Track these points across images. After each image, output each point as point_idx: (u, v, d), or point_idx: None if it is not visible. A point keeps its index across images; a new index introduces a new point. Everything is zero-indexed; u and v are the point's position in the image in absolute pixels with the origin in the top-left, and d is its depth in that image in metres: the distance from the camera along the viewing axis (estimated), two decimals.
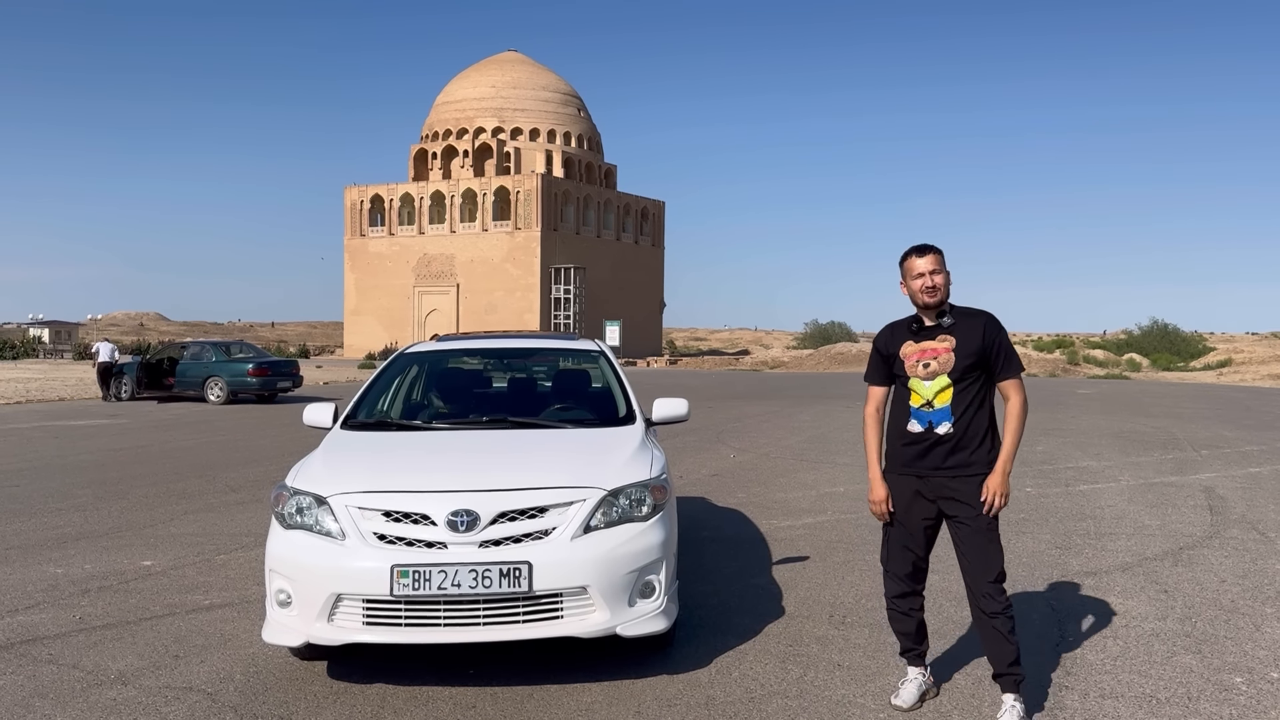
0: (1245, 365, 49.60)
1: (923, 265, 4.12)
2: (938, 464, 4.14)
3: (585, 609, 4.37)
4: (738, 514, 8.90)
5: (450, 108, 79.76)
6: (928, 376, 4.14)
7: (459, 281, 73.93)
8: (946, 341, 4.13)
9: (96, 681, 4.64)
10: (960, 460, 4.12)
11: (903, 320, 4.31)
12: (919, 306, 4.19)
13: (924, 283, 4.12)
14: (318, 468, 4.85)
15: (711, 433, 16.33)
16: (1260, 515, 8.86)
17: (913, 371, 4.18)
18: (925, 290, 4.12)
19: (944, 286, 4.14)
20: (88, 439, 15.79)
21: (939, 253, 4.16)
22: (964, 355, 4.10)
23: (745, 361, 63.49)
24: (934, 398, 4.12)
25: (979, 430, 4.12)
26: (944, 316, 4.17)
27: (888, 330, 4.36)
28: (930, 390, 4.13)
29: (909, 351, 4.21)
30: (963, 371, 4.10)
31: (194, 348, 25.81)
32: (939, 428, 4.12)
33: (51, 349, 73.37)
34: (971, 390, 4.11)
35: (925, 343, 4.17)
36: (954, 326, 4.14)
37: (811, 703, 4.35)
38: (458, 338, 7.38)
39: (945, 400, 4.12)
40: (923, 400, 4.15)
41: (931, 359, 4.14)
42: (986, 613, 4.10)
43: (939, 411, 4.12)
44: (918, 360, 4.17)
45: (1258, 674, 4.71)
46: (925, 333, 4.19)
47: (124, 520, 8.67)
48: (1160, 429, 17.18)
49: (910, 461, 4.21)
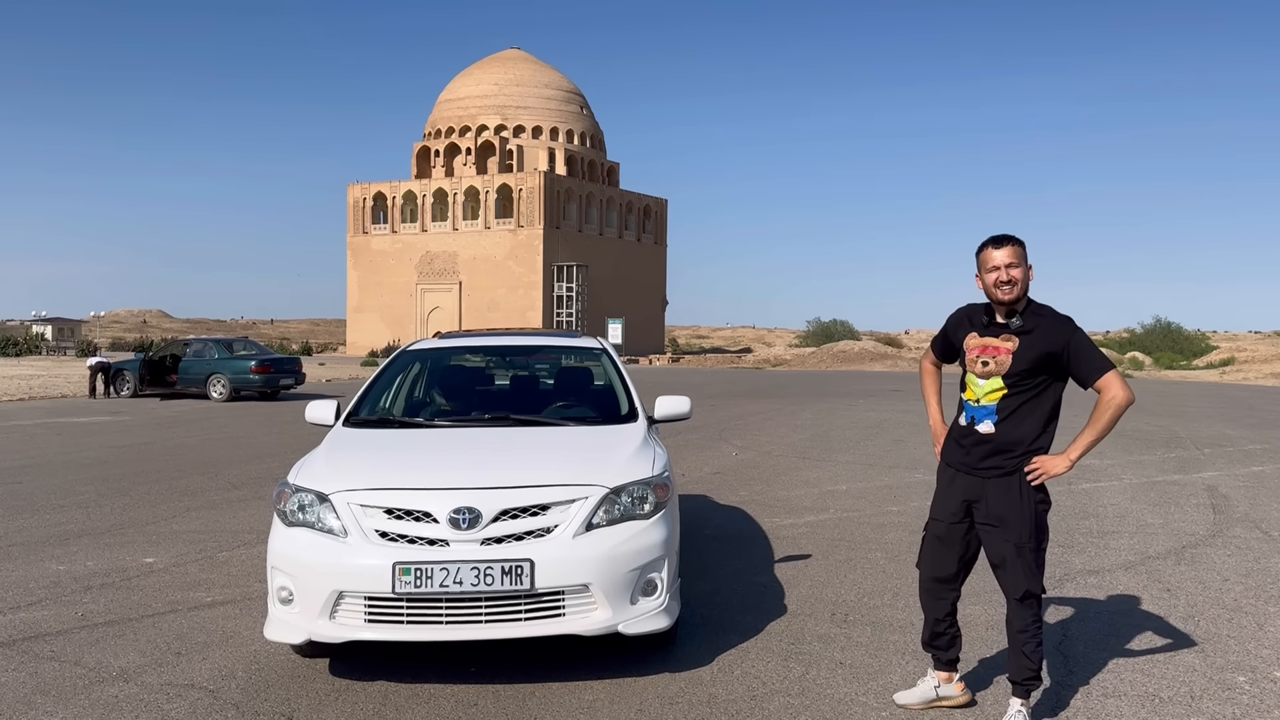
0: (1248, 364, 49.54)
1: (999, 258, 3.90)
2: (974, 463, 4.01)
3: (587, 607, 4.37)
4: (740, 512, 8.89)
5: (453, 105, 79.78)
6: (984, 375, 3.98)
7: (461, 279, 73.97)
8: (1010, 342, 3.92)
9: (98, 678, 4.64)
10: (996, 464, 3.95)
11: (979, 306, 4.11)
12: (993, 301, 3.98)
13: (999, 276, 3.90)
14: (320, 465, 4.85)
15: (713, 430, 16.32)
16: (1263, 514, 8.84)
17: (970, 367, 4.04)
18: (1000, 285, 3.90)
19: (1022, 281, 3.90)
20: (90, 436, 15.81)
21: (1019, 244, 3.92)
22: (1023, 359, 3.89)
23: (747, 359, 63.51)
24: (983, 396, 3.98)
25: (1025, 437, 3.93)
26: (1015, 317, 3.95)
27: (960, 314, 4.19)
28: (983, 389, 3.99)
29: (972, 345, 4.05)
30: (1019, 376, 3.89)
31: (197, 345, 25.84)
32: (980, 425, 3.99)
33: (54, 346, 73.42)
34: (1025, 395, 3.91)
35: (989, 339, 4.00)
36: (1023, 329, 3.92)
37: (814, 701, 4.34)
38: (460, 335, 7.38)
39: (993, 400, 3.95)
40: (974, 396, 4.02)
41: (991, 357, 3.96)
42: (1011, 626, 4.03)
43: (983, 409, 3.97)
44: (977, 356, 4.01)
45: (1261, 673, 4.70)
46: (992, 329, 4.00)
47: (126, 517, 8.67)
48: (1163, 427, 17.16)
49: (952, 453, 4.13)
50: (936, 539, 4.17)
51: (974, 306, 4.15)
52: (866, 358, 55.31)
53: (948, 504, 4.12)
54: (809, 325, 78.66)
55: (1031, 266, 3.96)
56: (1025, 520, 3.93)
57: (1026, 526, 3.93)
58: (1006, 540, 3.95)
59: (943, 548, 4.15)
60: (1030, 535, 3.94)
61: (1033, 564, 3.96)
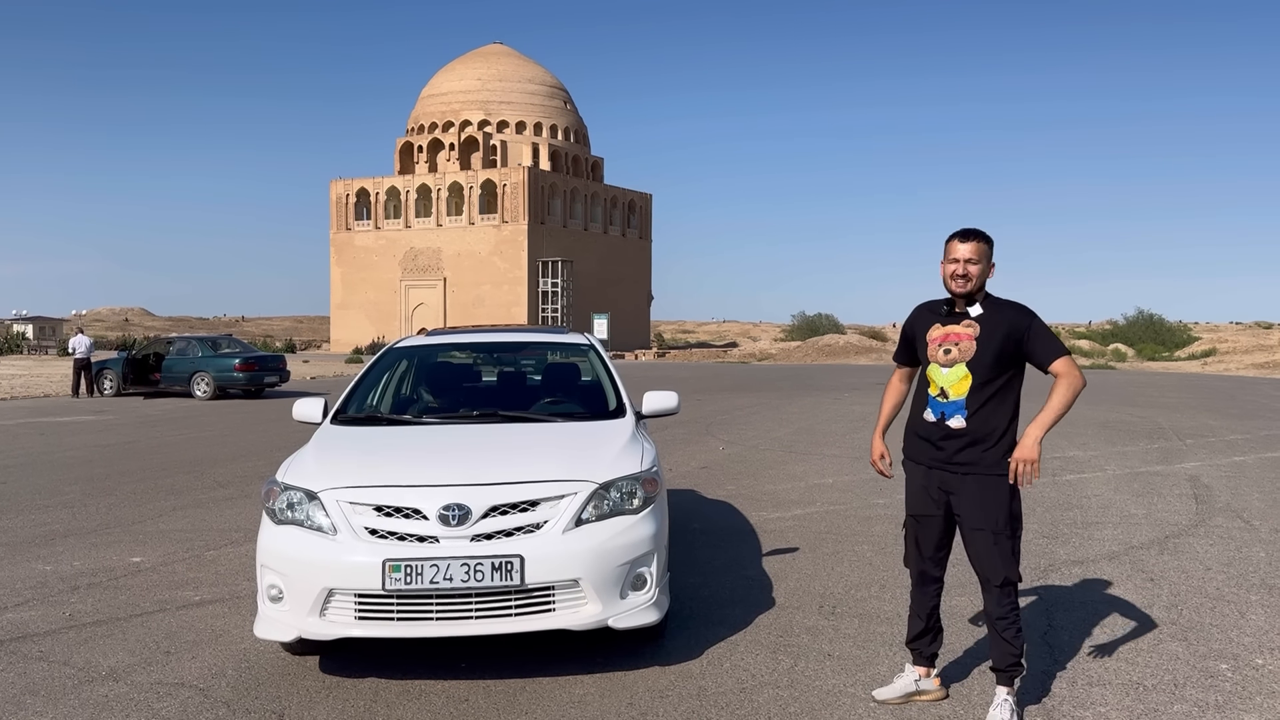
0: (1229, 355, 49.94)
1: (962, 251, 3.97)
2: (946, 458, 4.04)
3: (577, 602, 4.39)
4: (727, 506, 8.92)
5: (436, 100, 79.46)
6: (947, 363, 4.01)
7: (446, 275, 73.73)
8: (972, 328, 3.99)
9: (88, 678, 4.63)
10: (969, 458, 3.98)
11: (936, 301, 4.18)
12: (949, 291, 4.06)
13: (955, 269, 3.98)
14: (309, 463, 4.85)
15: (701, 425, 16.36)
16: (1245, 503, 8.93)
17: (933, 356, 4.06)
18: (954, 278, 3.99)
19: (978, 278, 3.98)
20: (74, 435, 15.71)
21: (985, 242, 3.99)
22: (988, 345, 3.95)
23: (733, 354, 63.57)
24: (950, 388, 4.00)
25: (996, 428, 3.97)
26: (973, 305, 4.04)
27: (918, 311, 4.24)
28: (947, 379, 4.01)
29: (934, 335, 4.08)
30: (984, 364, 3.95)
31: (180, 343, 25.68)
32: (951, 420, 4.01)
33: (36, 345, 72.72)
34: (992, 386, 3.97)
35: (951, 326, 4.05)
36: (981, 316, 4.01)
37: (802, 693, 4.37)
38: (446, 332, 7.38)
39: (961, 392, 3.98)
40: (939, 389, 4.04)
41: (954, 344, 4.01)
42: (990, 614, 4.07)
43: (953, 404, 4.00)
44: (940, 344, 4.05)
45: (1243, 660, 4.76)
46: (953, 317, 4.06)
47: (112, 516, 8.64)
48: (1146, 418, 17.30)
49: (919, 452, 4.16)
50: (920, 535, 4.22)
51: (932, 301, 4.22)
52: (852, 351, 55.48)
53: (924, 499, 4.17)
54: (794, 319, 78.75)
55: (994, 265, 4.04)
56: (1001, 508, 3.99)
57: (1002, 514, 3.99)
58: (983, 529, 4.00)
59: (927, 542, 4.19)
60: (1005, 523, 4.00)
61: (1009, 551, 4.01)
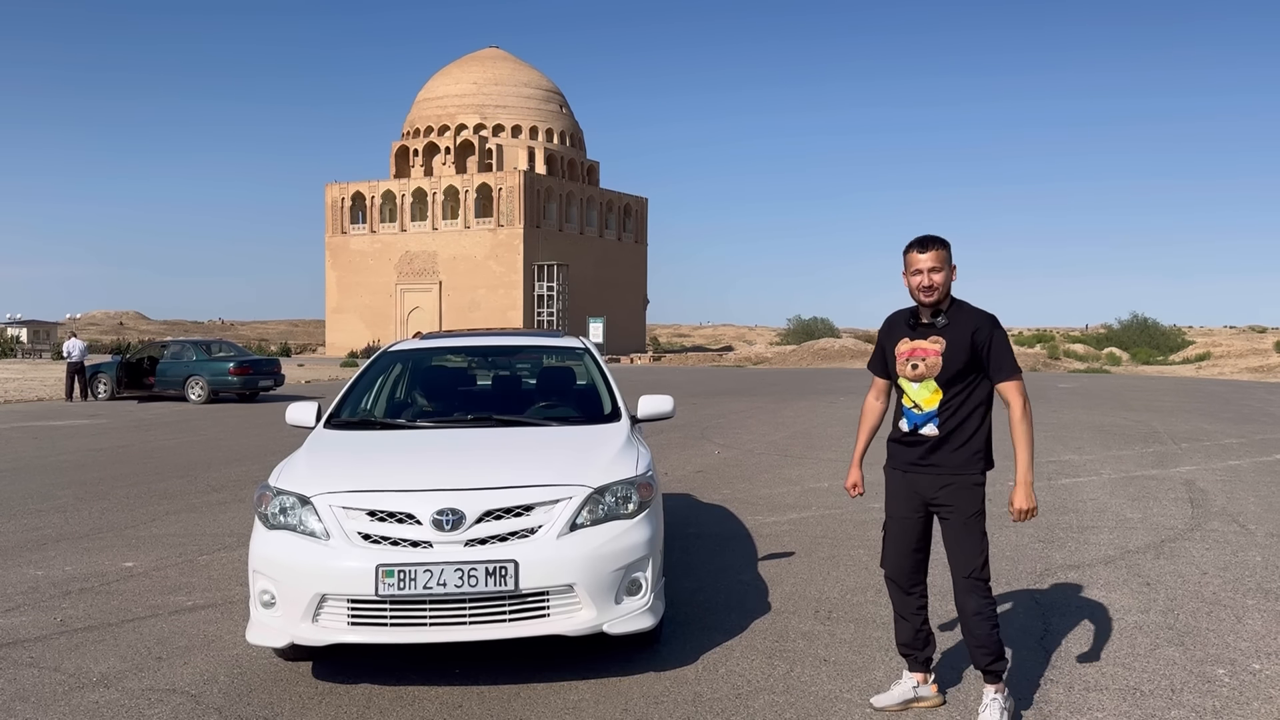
0: (1223, 358, 50.03)
1: (924, 261, 3.98)
2: (919, 458, 4.09)
3: (572, 607, 4.36)
4: (723, 510, 8.90)
5: (432, 104, 79.45)
6: (915, 379, 4.06)
7: (441, 279, 73.68)
8: (938, 344, 4.01)
9: (78, 684, 4.60)
10: (940, 459, 4.04)
11: (904, 312, 4.20)
12: (917, 302, 4.08)
13: (921, 281, 3.99)
14: (301, 467, 4.82)
15: (696, 429, 16.34)
16: (1240, 507, 8.93)
17: (902, 372, 4.10)
18: (921, 289, 4.00)
19: (943, 285, 4.00)
20: (67, 439, 15.65)
21: (943, 248, 4.01)
22: (953, 360, 3.97)
23: (729, 358, 63.56)
24: (922, 402, 4.05)
25: (966, 433, 4.03)
26: (939, 316, 4.05)
27: (888, 323, 4.26)
28: (918, 394, 4.05)
29: (902, 350, 4.11)
30: (950, 377, 3.98)
31: (174, 347, 25.63)
32: (924, 429, 4.06)
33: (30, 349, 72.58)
34: (962, 395, 4.01)
35: (918, 341, 4.07)
36: (947, 328, 4.02)
37: (798, 698, 4.35)
38: (441, 335, 7.35)
39: (933, 404, 4.03)
40: (912, 401, 4.09)
41: (920, 359, 4.04)
42: (963, 610, 4.07)
43: (926, 414, 4.05)
44: (907, 360, 4.08)
45: (1240, 665, 4.75)
46: (920, 330, 4.08)
47: (105, 521, 8.59)
48: (1140, 423, 17.30)
49: (897, 457, 4.21)
50: (897, 535, 4.23)
51: (901, 312, 4.24)
52: (847, 355, 55.48)
53: (904, 500, 4.19)
54: (789, 323, 78.93)
55: (955, 267, 4.06)
56: (974, 501, 4.06)
57: (975, 505, 4.06)
58: (956, 519, 4.06)
59: (904, 542, 4.21)
60: (976, 513, 4.06)
61: (979, 540, 4.06)
